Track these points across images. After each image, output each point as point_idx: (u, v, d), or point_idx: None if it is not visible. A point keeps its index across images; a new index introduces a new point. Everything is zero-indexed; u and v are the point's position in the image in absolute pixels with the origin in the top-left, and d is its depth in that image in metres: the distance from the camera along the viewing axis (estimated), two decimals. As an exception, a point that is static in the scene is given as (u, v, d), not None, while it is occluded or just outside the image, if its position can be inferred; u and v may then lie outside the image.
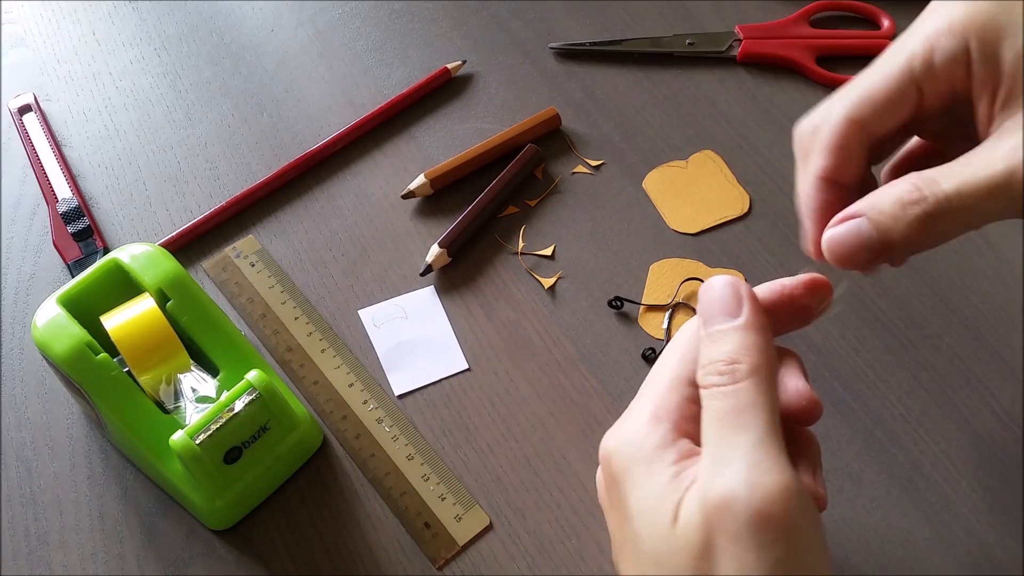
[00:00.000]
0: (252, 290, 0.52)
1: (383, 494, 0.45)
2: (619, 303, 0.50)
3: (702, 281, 0.48)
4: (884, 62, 0.35)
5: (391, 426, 0.47)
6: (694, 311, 0.49)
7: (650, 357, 0.48)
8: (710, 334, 0.32)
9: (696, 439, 0.32)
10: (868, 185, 0.36)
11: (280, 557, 0.44)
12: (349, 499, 0.45)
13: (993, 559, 0.42)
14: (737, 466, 0.29)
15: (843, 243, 0.33)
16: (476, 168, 0.55)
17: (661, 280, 0.51)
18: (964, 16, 0.33)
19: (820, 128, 0.36)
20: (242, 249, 0.53)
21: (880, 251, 0.33)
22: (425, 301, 0.51)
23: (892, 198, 0.32)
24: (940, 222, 0.31)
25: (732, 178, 0.54)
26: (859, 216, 0.33)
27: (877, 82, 0.34)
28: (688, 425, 0.32)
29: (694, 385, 0.32)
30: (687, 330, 0.35)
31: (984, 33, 0.32)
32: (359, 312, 0.51)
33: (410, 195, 0.55)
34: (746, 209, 0.53)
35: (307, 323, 0.51)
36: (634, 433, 0.32)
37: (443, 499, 0.45)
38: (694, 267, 0.51)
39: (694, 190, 0.54)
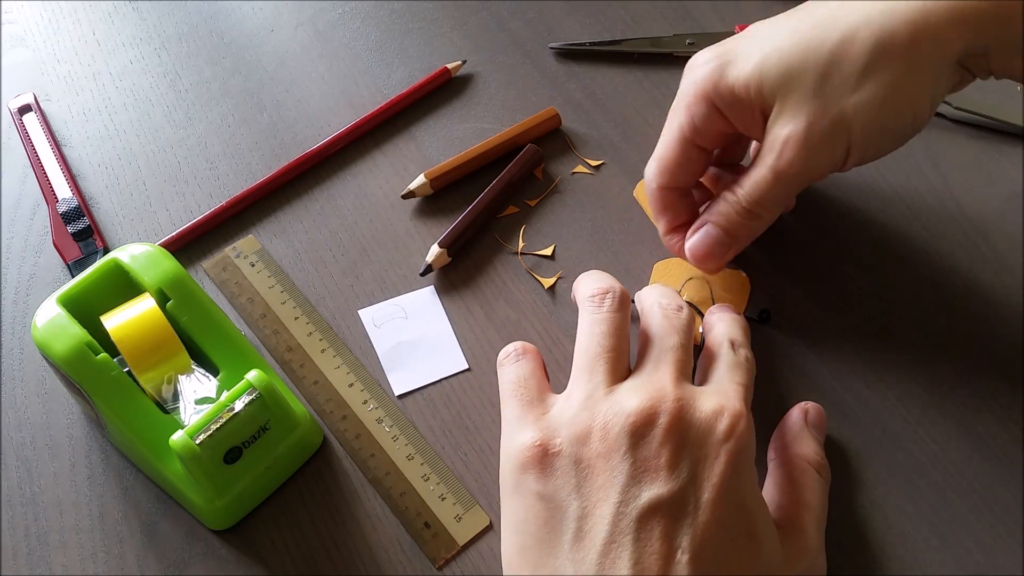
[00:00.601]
0: (252, 290, 0.52)
1: (383, 494, 0.45)
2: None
3: (706, 280, 0.50)
4: (666, 133, 0.47)
5: (391, 426, 0.47)
6: (699, 312, 0.49)
7: None
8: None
9: None
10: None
11: (280, 557, 0.44)
12: (349, 499, 0.45)
13: (993, 559, 0.42)
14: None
15: (702, 245, 0.46)
16: (476, 168, 0.56)
17: (665, 279, 0.51)
18: (705, 81, 0.44)
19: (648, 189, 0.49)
20: (242, 249, 0.53)
21: (728, 243, 0.46)
22: (425, 301, 0.51)
23: (723, 206, 0.45)
24: (756, 210, 0.44)
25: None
26: (707, 224, 0.46)
27: (665, 153, 0.47)
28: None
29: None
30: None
31: (720, 90, 0.44)
32: (359, 312, 0.51)
33: (410, 195, 0.55)
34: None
35: (307, 323, 0.51)
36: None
37: (443, 499, 0.45)
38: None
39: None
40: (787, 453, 0.43)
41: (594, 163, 0.56)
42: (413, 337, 0.50)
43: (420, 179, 0.55)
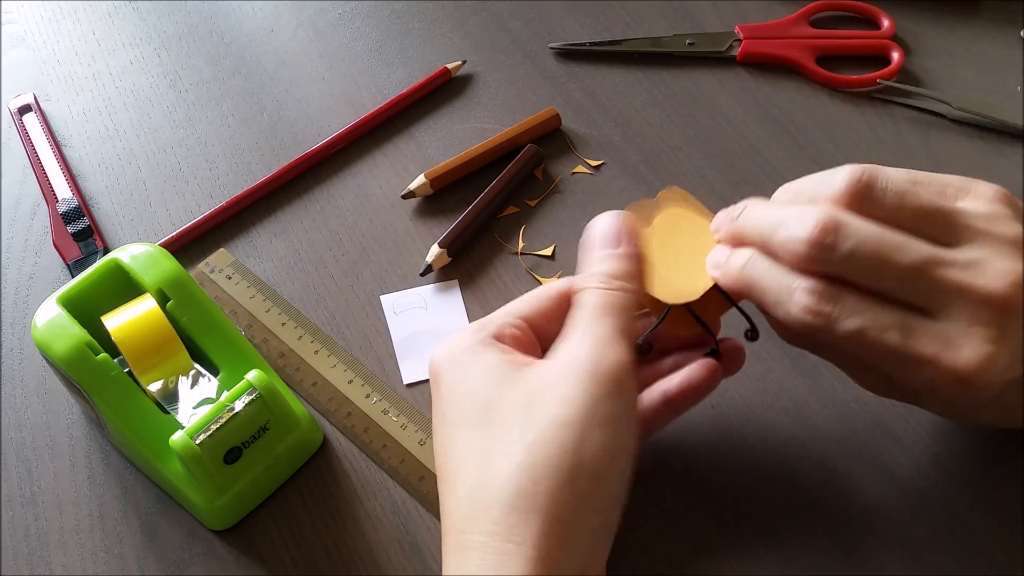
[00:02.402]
0: (234, 302, 0.52)
1: (401, 482, 0.46)
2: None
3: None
4: None
5: (398, 415, 0.47)
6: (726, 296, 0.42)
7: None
8: (598, 255, 0.40)
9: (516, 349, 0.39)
10: None
11: (280, 557, 0.44)
12: (349, 499, 0.45)
13: (993, 559, 0.42)
14: (593, 338, 0.37)
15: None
16: (476, 168, 0.55)
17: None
18: None
19: None
20: (215, 263, 0.53)
21: None
22: (447, 294, 0.52)
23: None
24: None
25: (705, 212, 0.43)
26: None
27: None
28: (507, 339, 0.39)
29: (521, 319, 0.40)
30: (540, 288, 0.41)
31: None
32: (381, 298, 0.51)
33: (410, 195, 0.55)
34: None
35: (295, 327, 0.51)
36: (457, 339, 0.39)
37: None
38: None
39: (671, 250, 0.42)
40: None
41: (594, 163, 0.56)
42: (429, 328, 0.50)
43: (420, 179, 0.55)
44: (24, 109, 0.60)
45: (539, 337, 0.40)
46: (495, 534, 0.34)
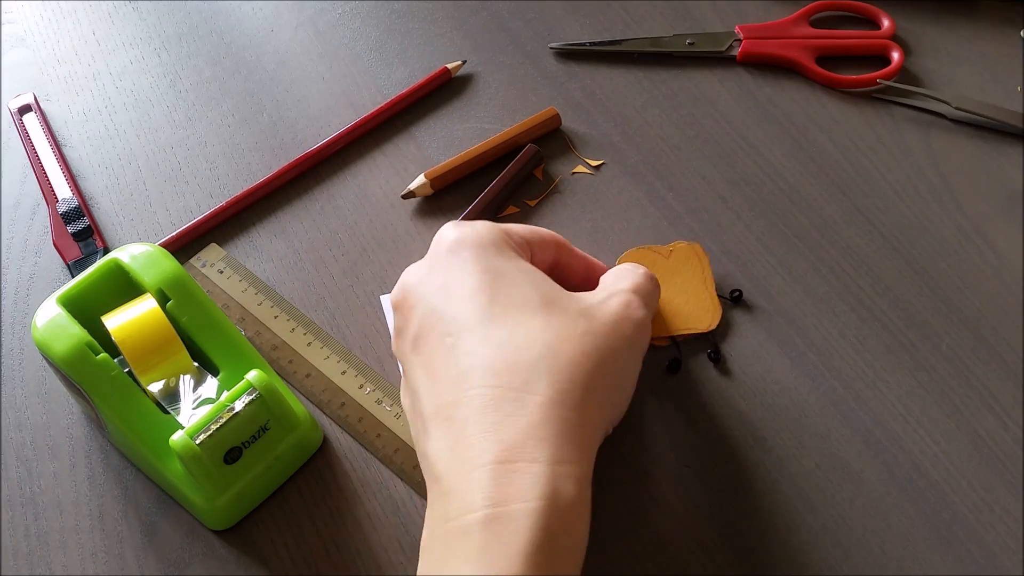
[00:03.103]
0: (225, 296, 0.52)
1: (396, 471, 0.46)
2: None
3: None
4: None
5: (391, 405, 0.48)
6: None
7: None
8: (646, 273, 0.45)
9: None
10: None
11: (280, 557, 0.44)
12: (349, 499, 0.45)
13: (993, 559, 0.42)
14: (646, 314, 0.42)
15: None
16: (476, 168, 0.55)
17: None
18: None
19: None
20: (207, 258, 0.53)
21: None
22: None
23: None
24: None
25: (711, 283, 0.50)
26: None
27: None
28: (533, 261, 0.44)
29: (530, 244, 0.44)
30: (545, 232, 0.46)
31: None
32: (381, 297, 0.51)
33: (410, 195, 0.55)
34: (714, 325, 0.49)
35: (288, 320, 0.51)
36: (488, 232, 0.42)
37: None
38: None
39: (668, 288, 0.50)
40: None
41: (594, 163, 0.56)
42: None
43: (420, 179, 0.55)
44: (24, 109, 0.60)
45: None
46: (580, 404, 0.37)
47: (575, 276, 0.46)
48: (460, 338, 0.38)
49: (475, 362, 0.37)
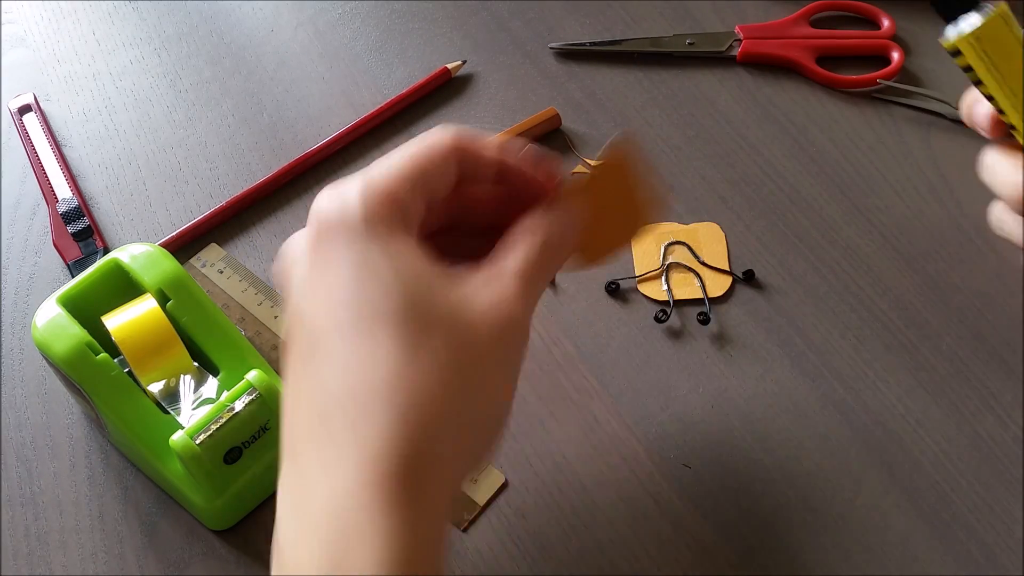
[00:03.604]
0: (225, 296, 0.52)
1: None
2: (614, 285, 0.51)
3: (686, 245, 0.52)
4: None
5: None
6: (689, 269, 0.51)
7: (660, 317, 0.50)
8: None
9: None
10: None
11: (280, 557, 0.44)
12: (349, 499, 0.45)
13: (993, 559, 0.42)
14: (531, 300, 0.35)
15: None
16: None
17: (648, 248, 0.52)
18: None
19: None
20: (207, 258, 0.53)
21: None
22: None
23: None
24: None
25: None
26: None
27: None
28: (412, 219, 0.35)
29: (414, 184, 0.34)
30: (431, 152, 0.35)
31: None
32: None
33: None
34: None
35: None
36: (351, 201, 0.34)
37: None
38: (672, 228, 0.53)
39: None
40: None
41: (594, 163, 0.56)
42: None
43: None
44: (24, 109, 0.60)
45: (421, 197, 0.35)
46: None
47: (522, 193, 0.37)
48: (313, 351, 0.32)
49: (319, 386, 0.31)
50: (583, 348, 0.49)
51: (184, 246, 0.54)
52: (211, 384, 0.44)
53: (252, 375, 0.42)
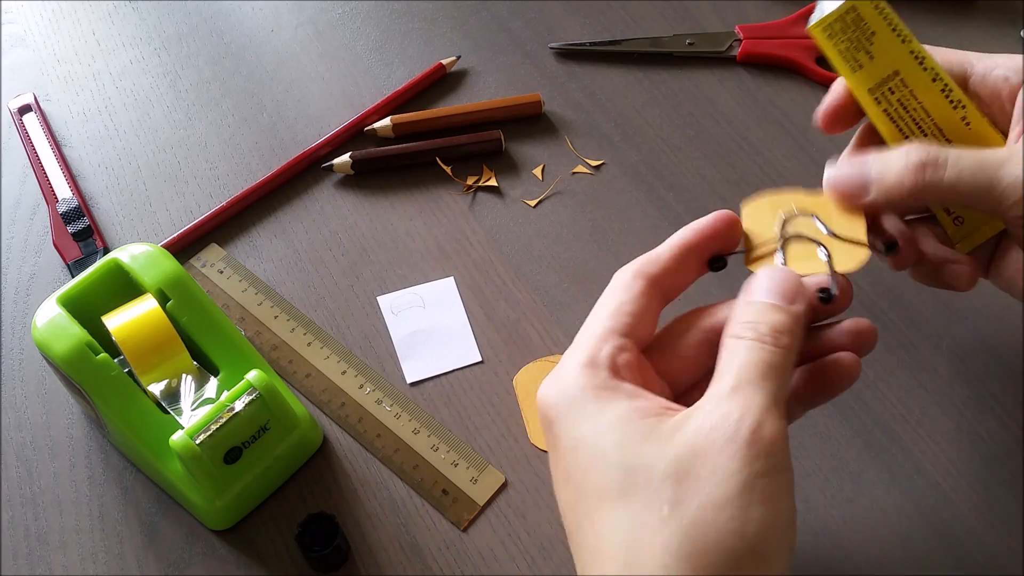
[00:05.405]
0: (225, 296, 0.52)
1: (396, 470, 0.46)
2: (722, 262, 0.39)
3: (810, 215, 0.40)
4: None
5: (391, 405, 0.48)
6: (818, 242, 0.39)
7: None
8: (768, 304, 0.35)
9: (633, 383, 0.35)
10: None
11: (280, 557, 0.44)
12: (349, 499, 0.45)
13: (993, 559, 0.42)
14: (753, 404, 0.32)
15: (845, 179, 0.39)
16: (442, 128, 0.57)
17: (759, 219, 0.40)
18: None
19: None
20: (207, 258, 0.53)
21: (868, 190, 0.38)
22: (444, 291, 0.52)
23: (897, 152, 0.37)
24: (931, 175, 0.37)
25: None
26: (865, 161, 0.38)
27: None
28: (622, 371, 0.35)
29: (623, 336, 0.36)
30: (618, 286, 0.37)
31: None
32: (378, 298, 0.51)
33: (373, 133, 0.57)
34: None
35: (288, 320, 0.51)
36: (570, 379, 0.35)
37: (456, 465, 0.46)
38: (795, 197, 0.41)
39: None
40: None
41: (594, 163, 0.56)
42: (429, 326, 0.50)
43: (386, 121, 0.57)
44: (24, 109, 0.60)
45: (639, 345, 0.36)
46: None
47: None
48: (574, 528, 0.34)
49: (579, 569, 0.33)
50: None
51: (184, 246, 0.54)
52: (211, 384, 0.44)
53: (252, 375, 0.42)
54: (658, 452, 0.32)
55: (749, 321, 0.34)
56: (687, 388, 0.38)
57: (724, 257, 0.39)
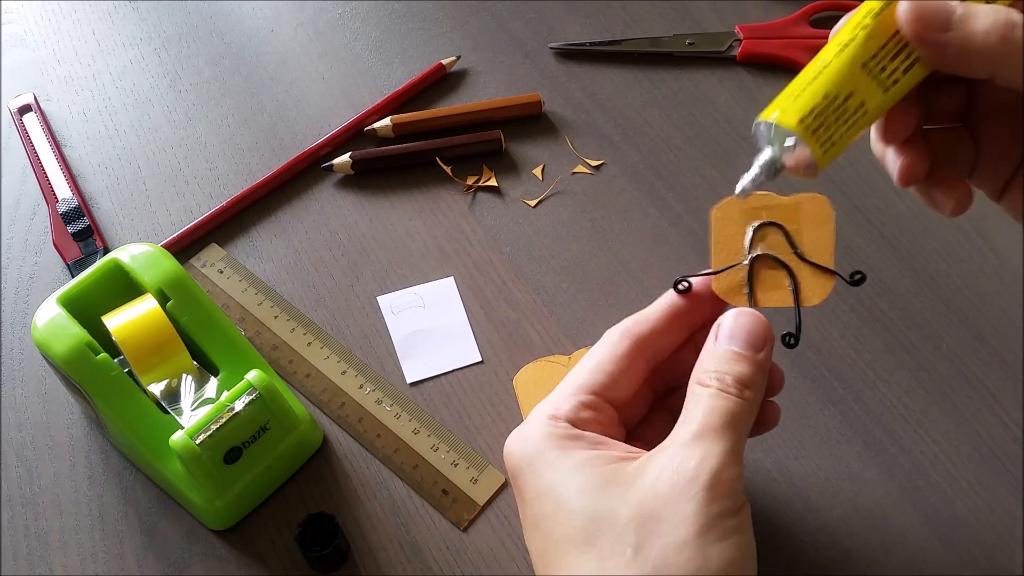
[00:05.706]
0: (225, 296, 0.52)
1: (396, 470, 0.46)
2: (686, 284, 0.39)
3: (781, 229, 0.39)
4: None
5: (391, 405, 0.48)
6: (781, 265, 0.38)
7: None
8: (735, 352, 0.36)
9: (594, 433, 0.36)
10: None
11: (280, 557, 0.44)
12: (349, 499, 0.45)
13: (993, 559, 0.42)
14: (713, 452, 0.33)
15: (930, 6, 0.33)
16: (441, 127, 0.57)
17: (727, 228, 0.40)
18: None
19: None
20: (207, 258, 0.53)
21: (950, 25, 0.33)
22: (444, 291, 0.52)
23: (987, 7, 0.32)
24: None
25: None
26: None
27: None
28: (587, 424, 0.37)
29: (593, 393, 0.37)
30: (604, 344, 0.38)
31: None
32: (378, 299, 0.51)
33: (373, 132, 0.57)
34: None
35: (288, 320, 0.51)
36: (534, 430, 0.36)
37: (455, 465, 0.46)
38: (766, 202, 0.40)
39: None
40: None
41: (594, 163, 0.56)
42: (429, 326, 0.50)
43: (386, 121, 0.57)
44: (24, 109, 0.60)
45: (613, 404, 0.38)
46: None
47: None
48: (545, 568, 0.35)
49: None
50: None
51: (184, 246, 0.54)
52: (211, 384, 0.44)
53: (252, 375, 0.42)
54: (621, 498, 0.33)
55: (715, 371, 0.35)
56: (637, 423, 0.40)
57: (689, 281, 0.39)
